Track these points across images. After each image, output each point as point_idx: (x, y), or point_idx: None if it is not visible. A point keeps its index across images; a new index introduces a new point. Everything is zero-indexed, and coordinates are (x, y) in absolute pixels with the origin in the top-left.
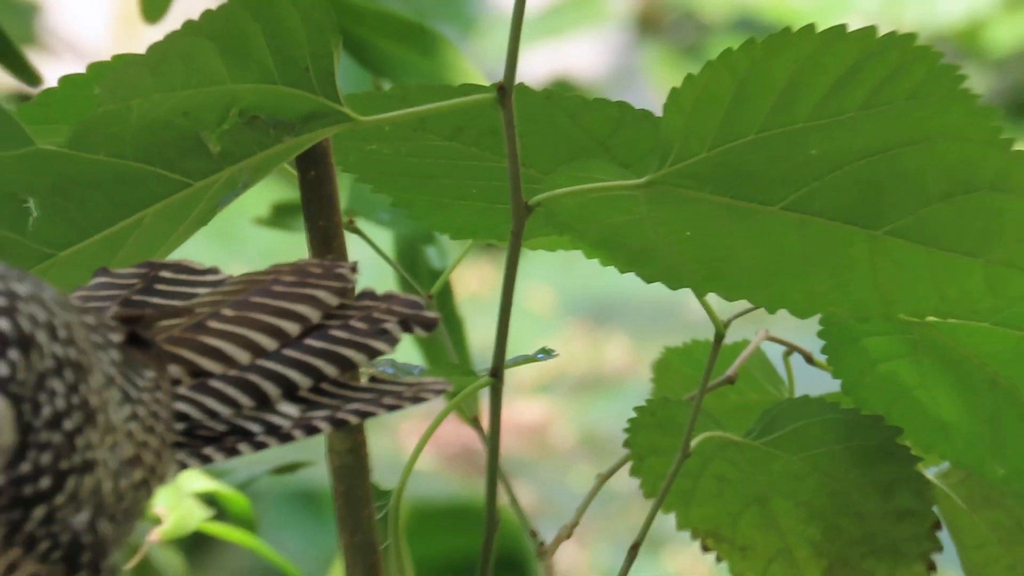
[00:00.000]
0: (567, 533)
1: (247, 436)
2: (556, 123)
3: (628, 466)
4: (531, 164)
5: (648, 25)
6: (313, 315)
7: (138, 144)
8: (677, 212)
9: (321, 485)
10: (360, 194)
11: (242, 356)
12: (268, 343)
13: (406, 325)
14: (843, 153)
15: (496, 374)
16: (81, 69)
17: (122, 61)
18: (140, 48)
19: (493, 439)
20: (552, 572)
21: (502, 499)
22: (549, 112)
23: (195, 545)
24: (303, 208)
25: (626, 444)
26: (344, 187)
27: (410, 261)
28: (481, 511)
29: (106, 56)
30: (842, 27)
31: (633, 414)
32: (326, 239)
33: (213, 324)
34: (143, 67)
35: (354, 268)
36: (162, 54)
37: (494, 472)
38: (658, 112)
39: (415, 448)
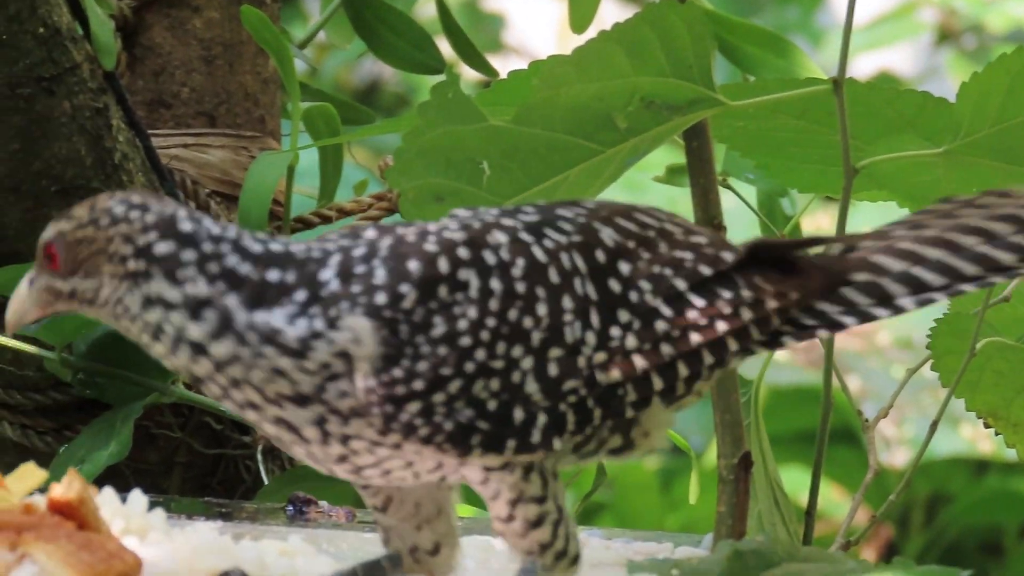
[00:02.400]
0: (885, 412)
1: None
2: (876, 107)
3: (930, 363)
4: (857, 137)
5: (947, 35)
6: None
7: (565, 121)
8: (966, 174)
9: None
10: (731, 159)
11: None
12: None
13: None
14: None
15: None
16: (525, 66)
17: (554, 60)
18: (569, 51)
19: (829, 341)
20: (873, 442)
21: (836, 386)
22: (871, 99)
23: None
24: (688, 169)
25: (929, 347)
26: (719, 154)
27: (768, 209)
28: (820, 395)
29: (544, 57)
30: None
31: (935, 324)
32: (705, 192)
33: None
34: (569, 64)
35: None
36: (584, 55)
37: (830, 365)
38: (952, 99)
39: None
